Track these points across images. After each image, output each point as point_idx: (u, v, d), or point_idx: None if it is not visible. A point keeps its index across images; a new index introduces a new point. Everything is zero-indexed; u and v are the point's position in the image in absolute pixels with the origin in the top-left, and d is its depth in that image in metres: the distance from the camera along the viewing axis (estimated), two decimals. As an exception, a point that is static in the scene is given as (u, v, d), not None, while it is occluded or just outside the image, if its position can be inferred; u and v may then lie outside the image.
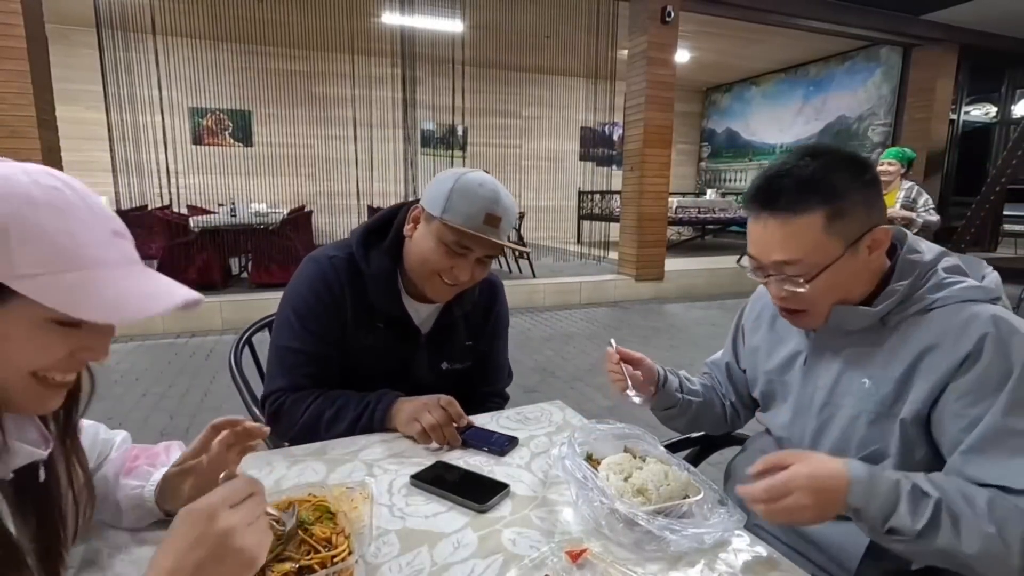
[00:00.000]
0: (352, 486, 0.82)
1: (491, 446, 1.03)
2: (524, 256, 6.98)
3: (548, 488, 0.90)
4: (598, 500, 0.77)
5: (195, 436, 0.77)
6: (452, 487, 0.88)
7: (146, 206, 6.26)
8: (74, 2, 6.43)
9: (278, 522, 0.69)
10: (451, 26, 7.05)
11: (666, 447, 0.96)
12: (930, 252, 0.87)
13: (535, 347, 4.45)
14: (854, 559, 0.85)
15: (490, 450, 1.02)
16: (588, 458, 0.89)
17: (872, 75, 8.87)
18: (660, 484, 0.79)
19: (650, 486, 0.79)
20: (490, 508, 0.84)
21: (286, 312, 1.17)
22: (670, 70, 6.25)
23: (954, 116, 8.96)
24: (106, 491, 0.76)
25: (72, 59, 6.93)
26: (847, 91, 9.28)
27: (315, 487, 0.79)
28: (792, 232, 0.81)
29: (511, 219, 1.11)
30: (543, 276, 6.60)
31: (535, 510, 0.84)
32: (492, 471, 0.95)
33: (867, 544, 0.83)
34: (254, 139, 8.68)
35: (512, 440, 1.05)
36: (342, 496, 0.78)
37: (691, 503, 0.78)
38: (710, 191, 10.40)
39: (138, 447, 0.83)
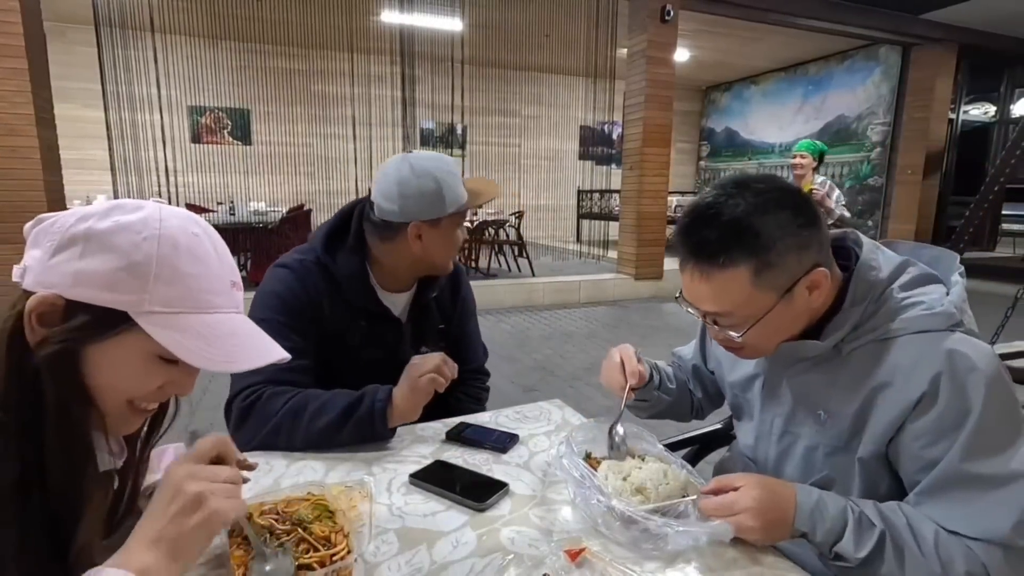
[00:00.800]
0: (351, 485, 0.83)
1: (492, 443, 1.03)
2: (523, 255, 6.99)
3: (547, 487, 0.91)
4: (595, 499, 0.77)
5: (194, 435, 0.77)
6: (451, 486, 0.88)
7: (145, 205, 6.25)
8: None
9: (277, 521, 0.69)
10: (450, 24, 7.04)
11: (665, 446, 0.96)
12: (887, 266, 0.82)
13: (534, 346, 4.45)
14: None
15: (492, 447, 1.03)
16: (587, 457, 0.89)
17: (871, 74, 8.87)
18: (659, 483, 0.79)
19: (649, 485, 0.79)
20: (489, 507, 0.84)
21: (263, 314, 1.12)
22: (669, 69, 6.26)
23: (953, 115, 8.97)
24: None
25: (70, 57, 6.91)
26: (846, 90, 9.27)
27: (314, 486, 0.79)
28: (718, 287, 0.77)
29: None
30: (542, 275, 6.61)
31: (534, 509, 0.84)
32: (491, 470, 0.95)
33: None
34: (253, 137, 8.66)
35: (513, 437, 1.06)
36: (341, 495, 0.78)
37: (689, 502, 0.78)
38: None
39: None
